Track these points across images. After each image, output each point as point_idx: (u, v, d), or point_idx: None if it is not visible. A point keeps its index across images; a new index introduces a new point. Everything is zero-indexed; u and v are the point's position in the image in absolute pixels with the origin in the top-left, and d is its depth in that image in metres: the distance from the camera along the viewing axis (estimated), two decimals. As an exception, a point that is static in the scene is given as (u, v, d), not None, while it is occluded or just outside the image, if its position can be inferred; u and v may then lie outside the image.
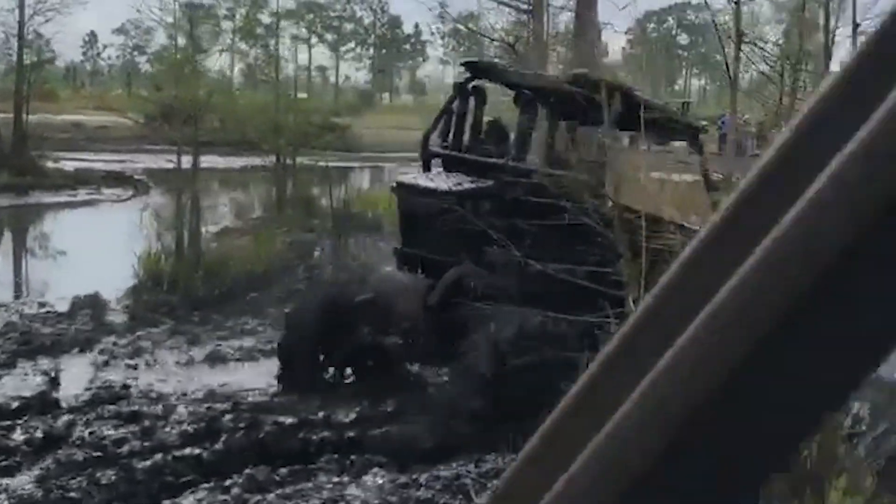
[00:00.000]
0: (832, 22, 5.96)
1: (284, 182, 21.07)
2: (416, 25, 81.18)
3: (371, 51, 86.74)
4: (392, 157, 39.55)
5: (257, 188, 23.74)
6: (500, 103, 12.10)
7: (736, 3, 5.75)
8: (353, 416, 8.52)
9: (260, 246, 14.50)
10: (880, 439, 6.47)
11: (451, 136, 10.16)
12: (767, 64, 6.18)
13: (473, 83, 10.36)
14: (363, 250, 15.31)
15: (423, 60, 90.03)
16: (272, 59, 33.84)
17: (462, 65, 11.69)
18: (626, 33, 59.22)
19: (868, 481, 5.69)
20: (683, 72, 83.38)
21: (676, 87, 76.54)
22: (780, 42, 6.48)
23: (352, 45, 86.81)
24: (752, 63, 6.26)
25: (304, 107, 26.45)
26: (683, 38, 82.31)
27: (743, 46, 6.31)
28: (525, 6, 15.26)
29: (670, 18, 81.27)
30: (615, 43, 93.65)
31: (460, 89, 10.32)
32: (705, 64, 74.11)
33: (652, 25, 78.38)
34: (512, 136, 10.14)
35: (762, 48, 6.36)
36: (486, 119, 10.33)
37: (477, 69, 10.57)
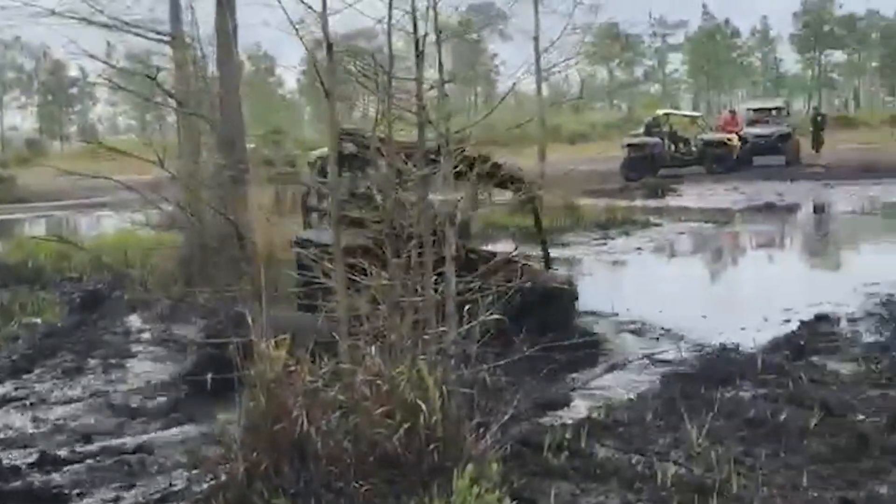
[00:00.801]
0: (420, 29, 6.10)
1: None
2: (82, 69, 78.54)
3: (37, 98, 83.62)
4: (65, 205, 38.41)
5: None
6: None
7: (322, 12, 5.84)
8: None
9: None
10: (507, 426, 6.74)
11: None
12: (366, 75, 6.28)
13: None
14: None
15: (93, 104, 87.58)
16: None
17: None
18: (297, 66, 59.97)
19: (495, 468, 5.89)
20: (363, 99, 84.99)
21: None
22: (373, 52, 6.65)
23: (16, 93, 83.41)
24: (350, 74, 6.37)
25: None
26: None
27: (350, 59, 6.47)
28: (166, 37, 15.04)
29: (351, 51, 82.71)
30: (290, 76, 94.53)
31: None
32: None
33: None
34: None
35: (354, 57, 6.49)
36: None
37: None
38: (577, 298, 11.78)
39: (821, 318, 11.88)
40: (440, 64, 6.38)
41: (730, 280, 18.36)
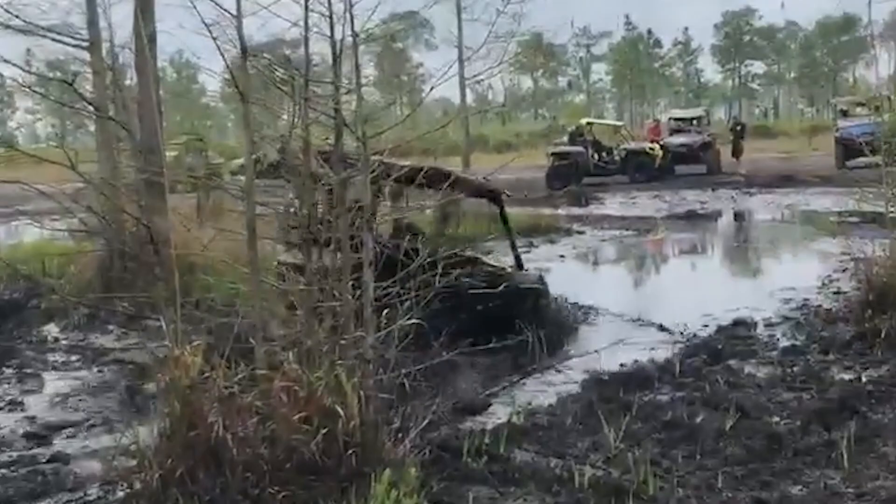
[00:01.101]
0: (340, 31, 6.11)
1: None
2: (0, 75, 77.12)
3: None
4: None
5: None
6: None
7: (237, 16, 5.80)
8: None
9: None
10: (426, 431, 6.75)
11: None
12: (284, 80, 6.26)
13: None
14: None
15: (12, 112, 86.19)
16: None
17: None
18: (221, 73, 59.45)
19: (413, 472, 5.89)
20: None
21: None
22: (290, 55, 6.64)
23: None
24: (268, 78, 6.35)
25: None
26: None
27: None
28: (83, 42, 14.86)
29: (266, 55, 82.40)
30: (213, 83, 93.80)
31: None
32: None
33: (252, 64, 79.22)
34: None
35: (271, 60, 6.46)
36: None
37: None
38: (548, 296, 12.19)
39: (738, 322, 12.06)
40: (357, 68, 6.38)
41: (651, 286, 18.55)
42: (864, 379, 9.03)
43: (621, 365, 9.99)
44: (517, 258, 12.62)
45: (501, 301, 9.95)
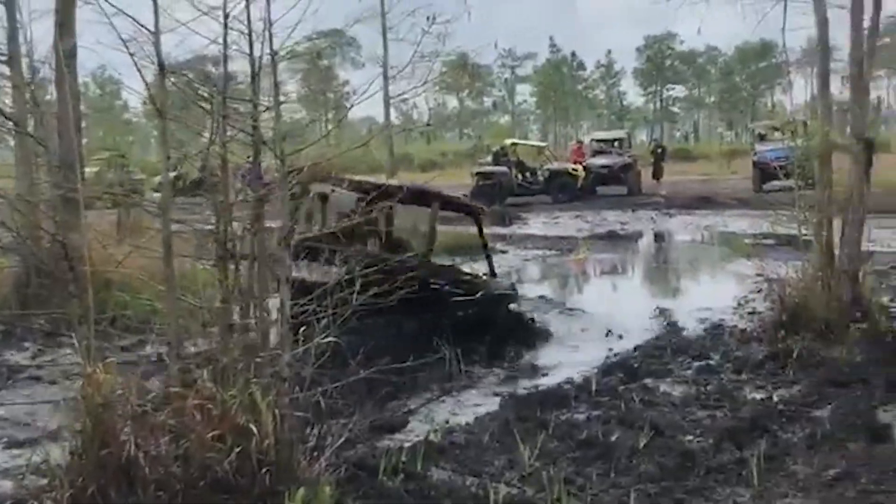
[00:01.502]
0: (259, 49, 6.10)
1: None
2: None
3: None
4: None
5: None
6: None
7: (154, 32, 5.78)
8: None
9: None
10: (342, 449, 6.73)
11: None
12: (203, 96, 6.24)
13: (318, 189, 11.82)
14: None
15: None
16: None
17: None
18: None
19: (328, 491, 5.89)
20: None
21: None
22: (212, 72, 6.65)
23: None
24: (186, 95, 6.31)
25: None
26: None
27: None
28: (2, 56, 14.71)
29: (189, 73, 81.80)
30: (136, 99, 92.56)
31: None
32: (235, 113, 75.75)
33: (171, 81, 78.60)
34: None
35: (189, 77, 6.43)
36: None
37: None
38: (517, 301, 13.32)
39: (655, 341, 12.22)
40: (276, 85, 6.38)
41: (571, 305, 18.65)
42: (775, 398, 9.21)
43: (539, 384, 10.07)
44: (491, 267, 13.45)
45: (479, 306, 11.79)
